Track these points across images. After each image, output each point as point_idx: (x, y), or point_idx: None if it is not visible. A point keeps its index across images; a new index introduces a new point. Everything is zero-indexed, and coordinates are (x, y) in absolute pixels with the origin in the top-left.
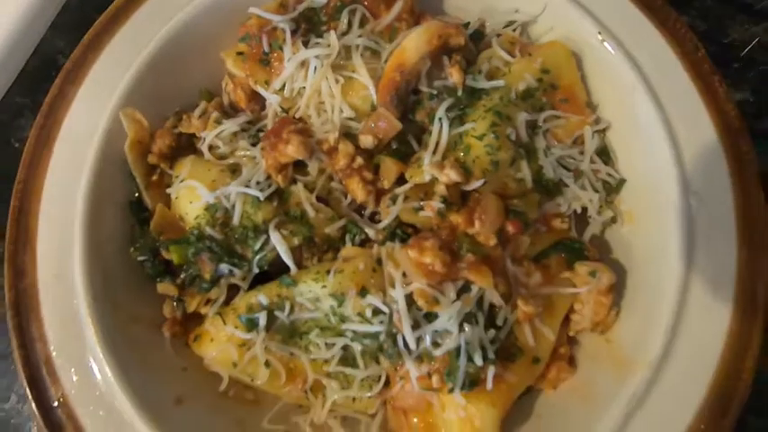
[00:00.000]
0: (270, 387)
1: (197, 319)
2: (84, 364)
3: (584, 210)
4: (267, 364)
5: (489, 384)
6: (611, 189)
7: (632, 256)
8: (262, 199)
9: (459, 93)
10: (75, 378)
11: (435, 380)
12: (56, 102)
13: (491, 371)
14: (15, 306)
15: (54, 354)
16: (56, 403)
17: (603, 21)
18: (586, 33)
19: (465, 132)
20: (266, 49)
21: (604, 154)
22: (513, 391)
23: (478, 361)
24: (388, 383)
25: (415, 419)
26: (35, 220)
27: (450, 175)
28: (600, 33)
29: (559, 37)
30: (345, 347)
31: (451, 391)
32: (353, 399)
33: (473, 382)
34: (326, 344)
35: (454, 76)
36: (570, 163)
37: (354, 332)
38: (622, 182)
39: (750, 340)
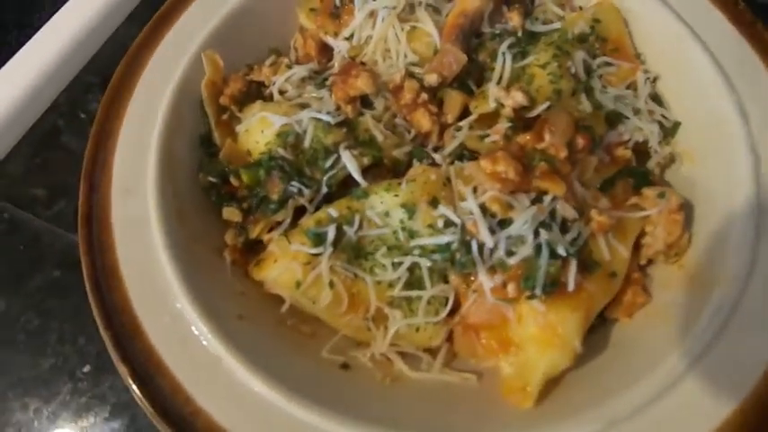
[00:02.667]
0: (330, 313)
1: (256, 253)
2: (149, 270)
3: (644, 147)
4: (331, 284)
5: (571, 283)
6: (667, 132)
7: (696, 193)
8: (332, 123)
9: (519, 34)
10: (139, 285)
11: (511, 288)
12: (145, 42)
13: (573, 267)
14: (86, 217)
15: (120, 260)
16: (120, 312)
17: None
18: None
19: (528, 65)
20: (337, 3)
21: (657, 100)
22: (593, 303)
23: (562, 251)
24: (453, 313)
25: (488, 337)
26: (114, 141)
27: (517, 97)
28: None
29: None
30: (411, 271)
31: (531, 297)
32: (417, 329)
33: (554, 283)
34: (393, 263)
35: (514, 19)
36: (627, 102)
37: (423, 248)
38: (677, 124)
39: None
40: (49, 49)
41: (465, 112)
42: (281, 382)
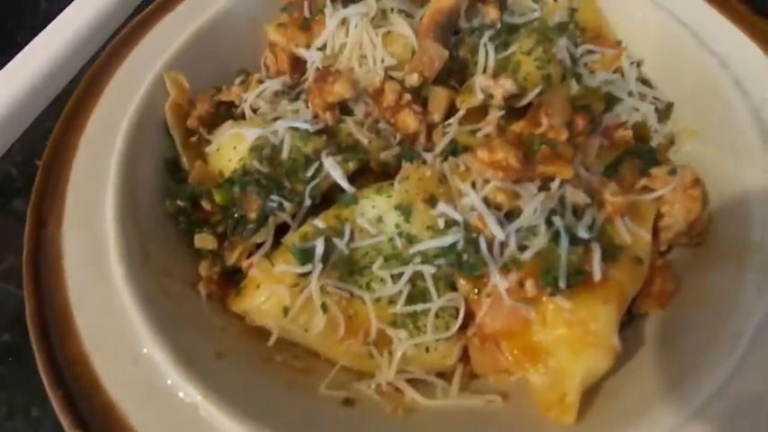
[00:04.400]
0: (326, 342)
1: (235, 283)
2: (108, 314)
3: (642, 130)
4: (324, 307)
5: (597, 272)
6: (662, 113)
7: (705, 166)
8: (311, 131)
9: (499, 26)
10: (97, 331)
11: (530, 286)
12: (105, 65)
13: (597, 251)
14: (33, 254)
15: (73, 303)
16: (72, 364)
17: None
18: None
19: (512, 53)
20: (307, 14)
21: (645, 83)
22: (623, 292)
23: (583, 234)
24: (465, 326)
25: (510, 346)
26: (67, 170)
27: (506, 85)
28: None
29: None
30: (414, 282)
31: (553, 293)
32: (427, 349)
33: (578, 273)
34: (392, 276)
35: (491, 13)
36: (618, 86)
37: (424, 253)
38: (671, 105)
39: None
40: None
41: (451, 112)
42: (274, 429)
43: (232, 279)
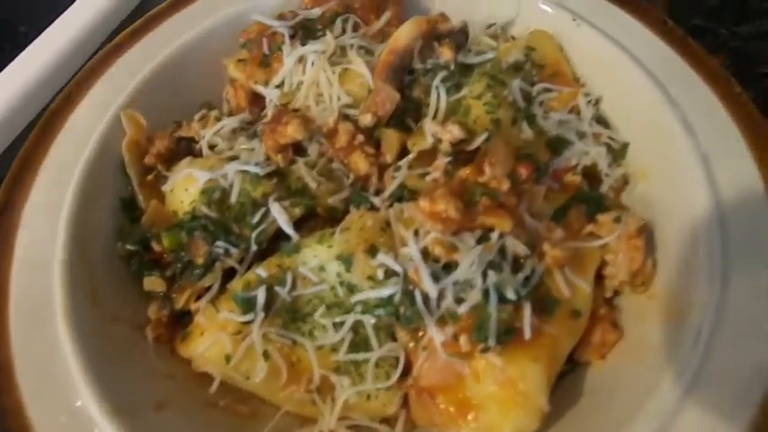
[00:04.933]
0: (268, 388)
1: (184, 326)
2: (49, 363)
3: (595, 171)
4: (266, 355)
5: (527, 331)
6: (617, 153)
7: (655, 210)
8: (261, 174)
9: (452, 67)
10: (36, 382)
11: (463, 341)
12: (62, 106)
13: (527, 311)
14: None
15: (15, 353)
16: (10, 418)
17: (574, 9)
18: (562, 22)
19: (463, 97)
20: (266, 51)
21: (602, 122)
22: (556, 348)
23: (511, 295)
24: (406, 374)
25: (445, 401)
26: (19, 212)
27: (453, 131)
28: (574, 19)
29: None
30: (356, 330)
31: (485, 350)
32: (368, 396)
33: (508, 331)
34: (334, 324)
35: (445, 53)
36: (571, 127)
37: (365, 303)
38: (626, 145)
39: None
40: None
41: (405, 151)
42: None
43: (181, 321)
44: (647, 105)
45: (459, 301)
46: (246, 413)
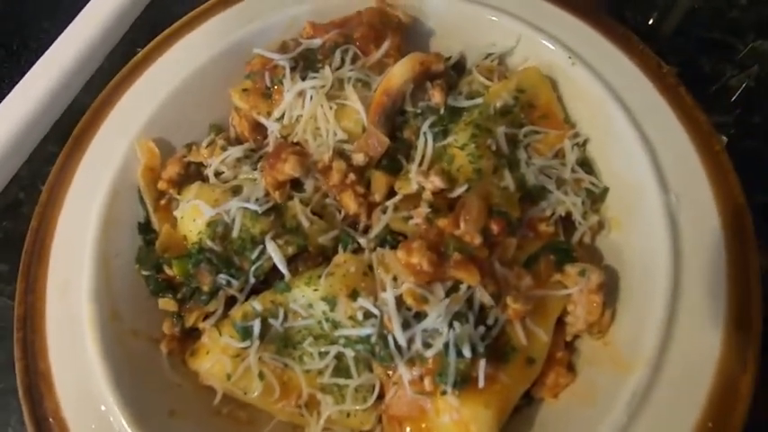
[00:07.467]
0: (263, 402)
1: (194, 339)
2: (82, 373)
3: (570, 218)
4: (261, 375)
5: (481, 381)
6: (596, 198)
7: (623, 260)
8: (260, 212)
9: (442, 111)
10: (72, 389)
11: (427, 382)
12: (83, 133)
13: (482, 366)
14: (22, 320)
15: (53, 364)
16: (50, 418)
17: (573, 48)
18: (558, 59)
19: (448, 144)
20: (268, 83)
21: (586, 165)
22: (508, 394)
23: (467, 353)
24: (382, 397)
25: (411, 429)
26: (51, 237)
27: (435, 181)
28: (570, 57)
29: (534, 65)
30: (339, 358)
31: (444, 392)
32: (348, 414)
33: (464, 380)
34: (320, 353)
35: (436, 96)
36: (552, 173)
37: (347, 338)
38: (606, 190)
39: (749, 330)
40: (13, 117)
41: (393, 191)
42: None
43: (192, 335)
44: (627, 156)
45: (426, 345)
46: (246, 419)
